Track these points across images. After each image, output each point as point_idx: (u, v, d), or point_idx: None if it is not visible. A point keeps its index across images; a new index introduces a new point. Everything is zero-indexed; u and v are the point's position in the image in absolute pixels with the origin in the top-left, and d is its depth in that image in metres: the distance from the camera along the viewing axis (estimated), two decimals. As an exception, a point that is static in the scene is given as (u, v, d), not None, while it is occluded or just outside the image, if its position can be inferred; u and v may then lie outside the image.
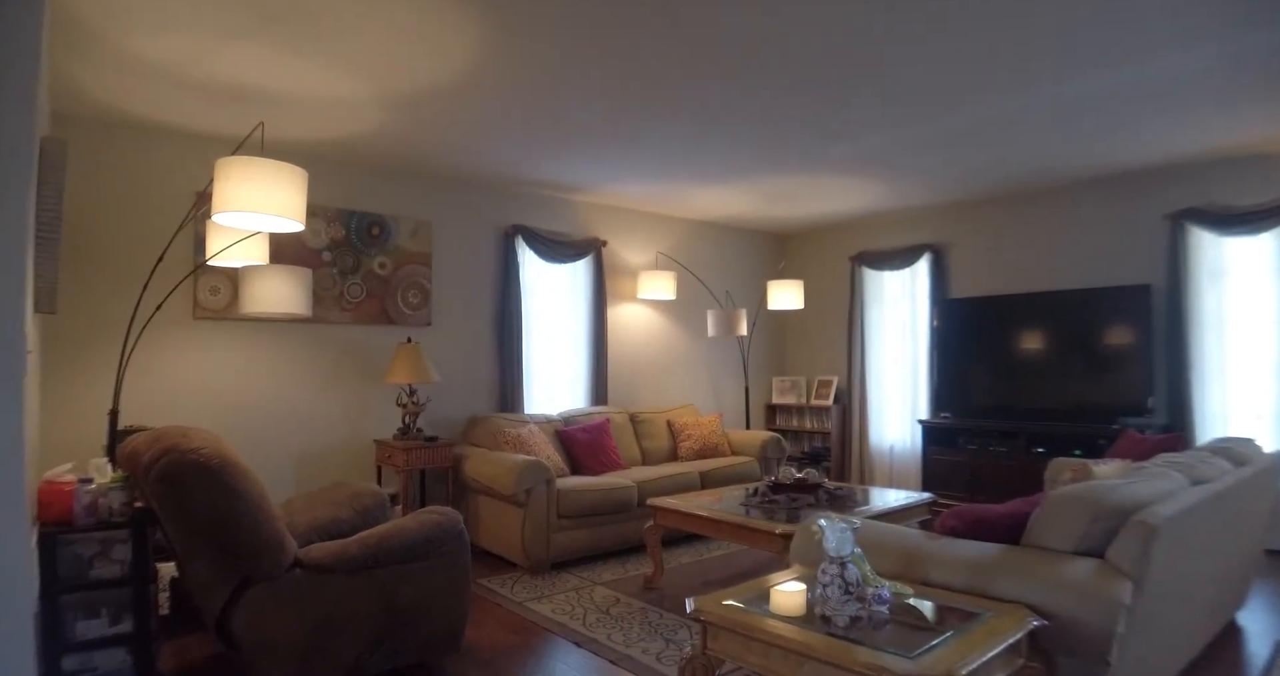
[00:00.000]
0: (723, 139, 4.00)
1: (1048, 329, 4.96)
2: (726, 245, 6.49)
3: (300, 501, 3.30)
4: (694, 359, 6.21)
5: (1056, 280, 5.11)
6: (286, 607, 2.40)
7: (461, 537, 2.70)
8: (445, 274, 4.80)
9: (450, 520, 2.69)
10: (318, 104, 3.46)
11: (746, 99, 3.40)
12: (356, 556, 2.50)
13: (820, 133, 3.89)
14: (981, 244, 5.58)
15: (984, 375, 5.29)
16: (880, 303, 6.21)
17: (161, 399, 3.81)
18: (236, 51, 2.89)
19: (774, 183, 4.95)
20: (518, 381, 5.01)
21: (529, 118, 3.66)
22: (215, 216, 2.58)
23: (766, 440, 5.20)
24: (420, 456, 4.09)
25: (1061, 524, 1.89)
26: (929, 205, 5.71)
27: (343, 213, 4.39)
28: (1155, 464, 2.42)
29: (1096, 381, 4.72)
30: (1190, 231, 4.48)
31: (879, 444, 6.17)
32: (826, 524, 1.68)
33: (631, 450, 5.12)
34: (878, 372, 6.19)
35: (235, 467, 2.37)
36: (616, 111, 3.57)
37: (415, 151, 4.25)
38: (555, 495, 3.99)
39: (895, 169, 4.63)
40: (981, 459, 5.03)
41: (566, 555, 4.03)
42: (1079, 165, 4.56)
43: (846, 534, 1.65)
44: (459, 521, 2.72)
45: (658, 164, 4.50)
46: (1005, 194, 5.35)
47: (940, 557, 1.99)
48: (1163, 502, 1.91)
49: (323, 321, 4.30)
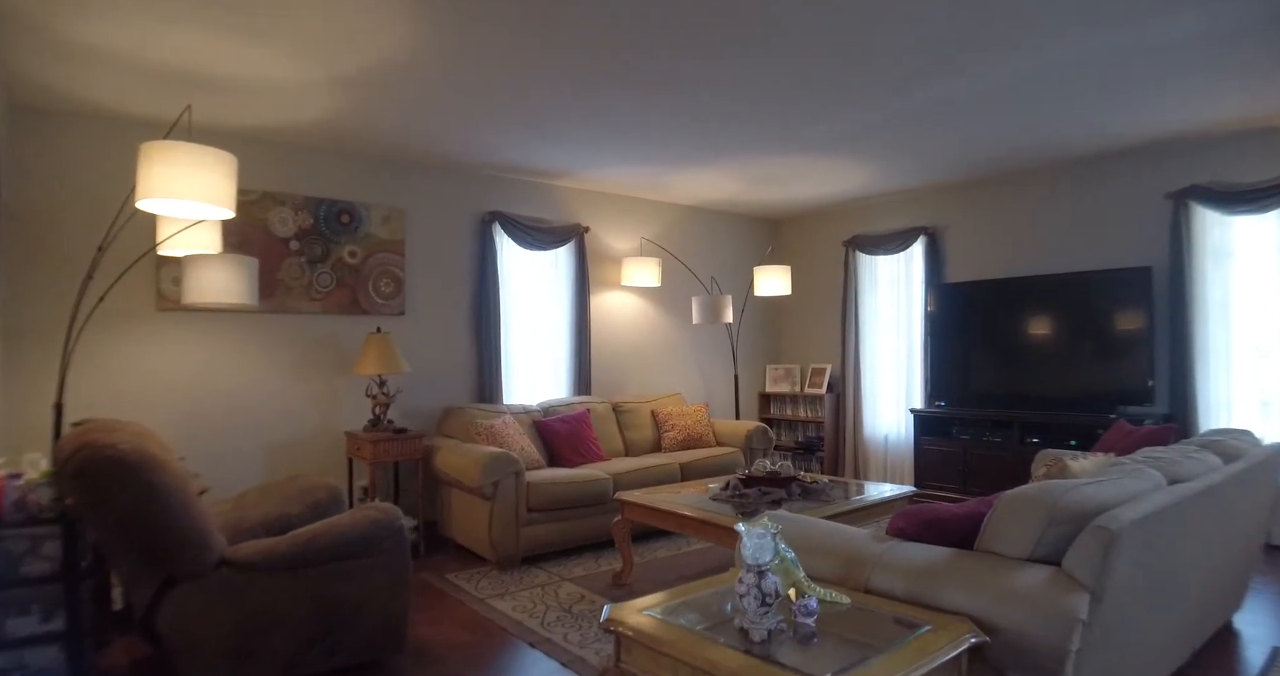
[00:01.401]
0: (695, 119, 3.83)
1: (1044, 314, 4.75)
2: (717, 230, 6.31)
3: (254, 495, 3.22)
4: (682, 347, 6.06)
5: (1054, 263, 4.89)
6: (213, 607, 2.32)
7: (400, 535, 2.60)
8: (419, 262, 4.68)
9: (388, 517, 2.58)
10: (267, 88, 3.34)
11: (710, 77, 3.22)
12: (286, 555, 2.40)
13: (793, 112, 3.70)
14: (977, 226, 5.36)
15: (979, 362, 5.09)
16: (874, 288, 6.02)
17: (125, 391, 3.74)
18: (177, 37, 2.79)
19: (756, 165, 4.77)
20: (496, 371, 4.90)
21: (488, 100, 3.51)
22: (139, 203, 2.47)
23: (751, 430, 5.05)
24: (388, 449, 3.99)
25: (1014, 528, 1.73)
26: (923, 186, 5.49)
27: (311, 200, 4.28)
28: (1134, 459, 2.25)
29: (1095, 368, 4.51)
30: (1193, 210, 4.24)
31: (873, 434, 5.99)
32: (744, 528, 1.54)
33: (614, 441, 5.00)
34: (872, 360, 6.00)
35: (153, 462, 2.27)
36: (578, 92, 3.41)
37: (384, 137, 4.12)
38: (524, 488, 3.88)
39: (881, 149, 4.43)
40: (975, 449, 4.85)
41: (537, 549, 3.93)
42: (1076, 142, 4.33)
43: (765, 539, 1.51)
44: (398, 518, 2.61)
45: (635, 147, 4.34)
46: (1000, 174, 5.12)
47: (884, 562, 1.84)
48: (1128, 505, 1.75)
49: (292, 311, 4.20)
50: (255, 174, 4.10)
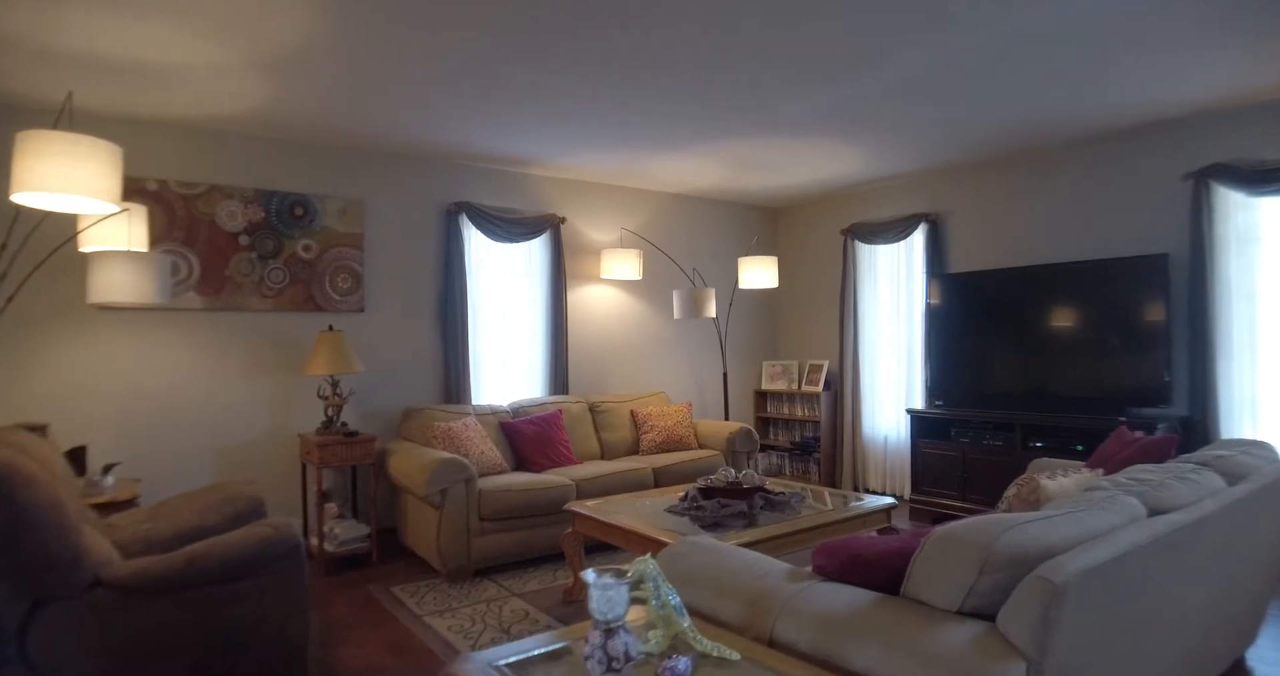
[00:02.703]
0: (664, 99, 3.53)
1: (1051, 306, 4.36)
2: (708, 219, 5.99)
3: (176, 503, 3.03)
4: (669, 343, 5.77)
5: (1062, 251, 4.49)
6: (86, 631, 2.12)
7: (295, 554, 2.38)
8: (379, 256, 4.47)
9: (281, 535, 2.36)
10: (190, 74, 3.13)
11: (661, 51, 2.93)
12: (162, 576, 2.20)
13: (758, 87, 3.38)
14: (981, 212, 4.97)
15: (981, 359, 4.72)
16: (874, 279, 5.66)
17: (65, 394, 3.59)
18: (77, 19, 2.58)
19: (738, 148, 4.45)
20: (463, 370, 4.67)
21: (423, 82, 3.26)
22: (13, 197, 2.27)
23: (734, 432, 4.76)
24: (336, 452, 3.80)
25: (942, 574, 1.44)
26: (922, 170, 5.12)
27: (262, 193, 4.08)
28: (1115, 482, 1.92)
29: (1106, 366, 4.12)
30: (1215, 191, 3.82)
31: (872, 434, 5.65)
32: (593, 577, 1.27)
33: (589, 443, 4.75)
34: (871, 356, 5.65)
35: (18, 477, 2.08)
36: (522, 71, 3.14)
37: (335, 125, 3.89)
38: (476, 495, 3.65)
39: (868, 130, 4.07)
40: (974, 453, 4.49)
41: (491, 560, 3.70)
42: (1083, 118, 3.93)
43: (615, 591, 1.24)
44: (293, 536, 2.39)
45: (599, 130, 4.06)
46: (1003, 155, 4.72)
47: (791, 608, 1.56)
48: (1083, 549, 1.44)
49: (242, 309, 4.02)
50: (201, 166, 3.92)
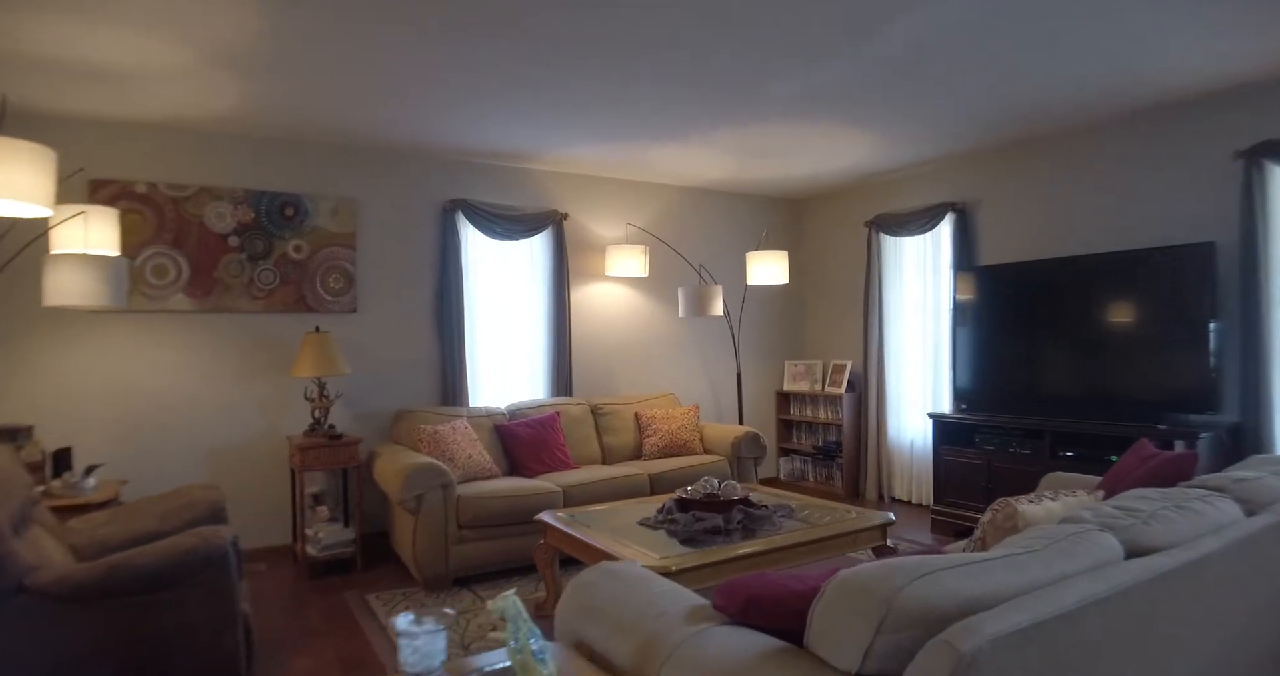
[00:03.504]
0: (648, 82, 3.33)
1: (1086, 301, 3.96)
2: (730, 213, 5.73)
3: (141, 506, 3.00)
4: (681, 342, 5.55)
5: (1099, 241, 4.08)
6: (9, 638, 2.09)
7: (223, 564, 2.30)
8: (373, 256, 4.41)
9: (208, 544, 2.28)
10: (148, 75, 3.09)
11: (637, 25, 2.73)
12: (83, 583, 2.14)
13: (743, 64, 3.14)
14: (1010, 200, 4.58)
15: (1009, 359, 4.34)
16: (899, 274, 5.30)
17: (56, 395, 3.65)
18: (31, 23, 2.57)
19: (737, 136, 4.20)
20: (460, 371, 4.57)
21: (395, 75, 3.15)
22: (-56, 200, 2.25)
23: (740, 437, 4.51)
24: (319, 456, 3.75)
25: (841, 627, 1.21)
26: (947, 156, 4.75)
27: (252, 193, 4.07)
28: (1100, 510, 1.63)
29: (1146, 366, 3.70)
30: (1269, 172, 3.37)
31: (898, 439, 5.31)
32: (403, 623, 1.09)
33: (589, 447, 4.59)
34: (897, 355, 5.31)
35: (-63, 487, 2.06)
36: (498, 60, 2.99)
37: (319, 121, 3.83)
38: (454, 502, 3.54)
39: (877, 111, 3.77)
40: (1000, 462, 4.13)
41: (472, 569, 3.58)
42: (1121, 93, 3.53)
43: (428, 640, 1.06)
44: (221, 546, 2.30)
45: (594, 119, 3.87)
46: (1033, 137, 4.32)
47: (678, 656, 1.35)
48: (1016, 604, 1.18)
49: (231, 310, 4.02)
50: (191, 168, 3.93)
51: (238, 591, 2.37)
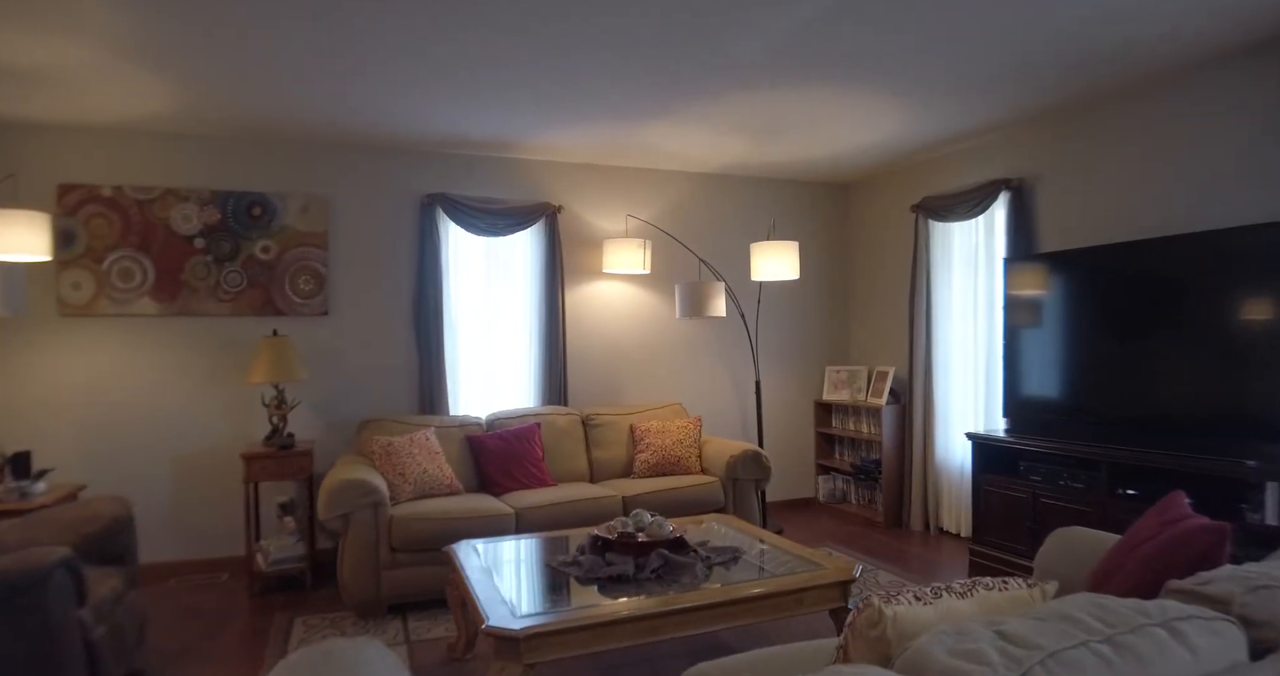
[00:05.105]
0: (601, 46, 2.88)
1: (1161, 295, 3.10)
2: (754, 200, 5.14)
3: (47, 515, 2.88)
4: (694, 345, 5.01)
5: (1182, 219, 3.20)
6: None
7: (42, 590, 2.06)
8: (345, 256, 4.20)
9: (23, 566, 2.05)
10: (69, 75, 2.98)
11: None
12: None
13: (677, 19, 2.61)
14: (1074, 173, 3.73)
15: (1066, 370, 3.50)
16: (948, 266, 4.52)
17: (27, 400, 3.67)
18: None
19: (731, 109, 3.63)
20: (439, 377, 4.29)
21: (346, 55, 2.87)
22: None
23: (737, 456, 3.94)
24: (266, 466, 3.56)
25: None
26: (997, 123, 3.94)
27: (218, 194, 3.96)
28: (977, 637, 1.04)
29: (1237, 382, 2.82)
30: None
31: (946, 459, 4.53)
32: None
33: (575, 462, 4.17)
34: (945, 362, 4.52)
35: None
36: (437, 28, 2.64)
37: (273, 117, 3.65)
38: (386, 523, 3.23)
39: (872, 69, 3.11)
40: (1047, 496, 3.34)
41: (407, 596, 3.26)
42: (1203, 27, 2.69)
43: None
44: (37, 572, 2.06)
45: (561, 95, 3.45)
46: (1093, 94, 3.47)
47: None
48: None
49: (197, 314, 3.92)
50: (156, 170, 3.87)
51: (67, 620, 2.14)
